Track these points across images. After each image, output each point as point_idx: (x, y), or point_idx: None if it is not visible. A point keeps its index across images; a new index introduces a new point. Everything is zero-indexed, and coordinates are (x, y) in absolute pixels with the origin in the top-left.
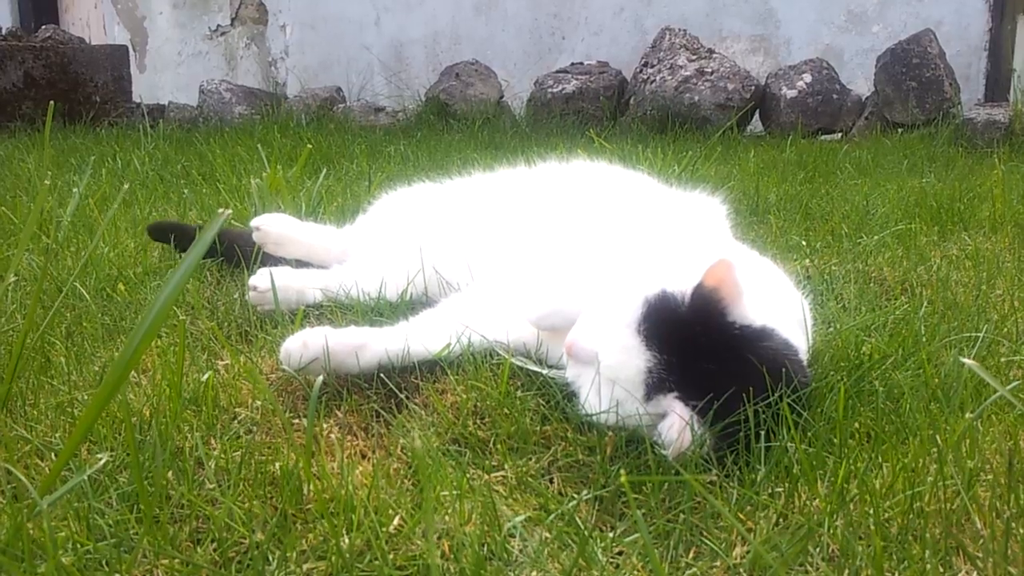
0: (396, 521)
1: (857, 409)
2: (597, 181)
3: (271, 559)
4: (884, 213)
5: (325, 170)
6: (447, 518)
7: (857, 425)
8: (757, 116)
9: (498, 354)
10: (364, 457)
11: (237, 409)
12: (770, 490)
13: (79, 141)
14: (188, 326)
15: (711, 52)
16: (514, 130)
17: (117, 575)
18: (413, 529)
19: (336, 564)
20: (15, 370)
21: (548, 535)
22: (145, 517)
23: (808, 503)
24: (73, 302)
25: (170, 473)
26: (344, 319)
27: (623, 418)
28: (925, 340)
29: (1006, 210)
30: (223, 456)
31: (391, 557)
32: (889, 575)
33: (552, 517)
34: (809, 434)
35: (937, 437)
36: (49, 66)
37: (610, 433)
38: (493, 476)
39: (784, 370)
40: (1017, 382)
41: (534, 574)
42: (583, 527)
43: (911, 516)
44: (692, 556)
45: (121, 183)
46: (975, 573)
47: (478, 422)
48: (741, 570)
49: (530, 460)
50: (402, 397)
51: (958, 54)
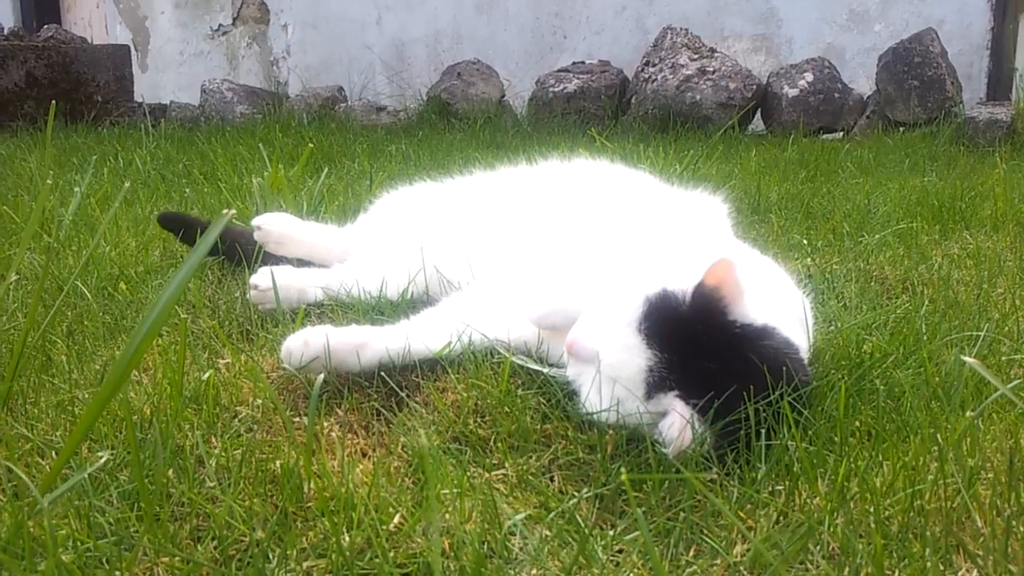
0: (396, 519)
1: (858, 407)
2: (598, 180)
3: (271, 557)
4: (885, 212)
5: (326, 169)
6: (448, 516)
7: (858, 423)
8: (759, 115)
9: (499, 353)
10: (365, 455)
11: (238, 407)
12: (770, 488)
13: (81, 140)
14: (189, 325)
15: (713, 51)
16: (516, 129)
17: (118, 573)
18: (413, 527)
19: (336, 562)
20: (16, 368)
21: (548, 533)
22: (146, 515)
23: (808, 501)
24: (74, 301)
25: (171, 471)
26: (345, 318)
27: (624, 416)
28: (926, 339)
29: (1007, 209)
30: (224, 454)
31: (391, 555)
32: (889, 573)
33: (552, 515)
34: (810, 432)
35: (938, 435)
36: (51, 66)
37: (611, 431)
38: (494, 474)
39: (785, 368)
40: (1018, 380)
41: (534, 572)
42: (583, 525)
43: (911, 514)
44: (692, 554)
45: (123, 182)
46: (975, 571)
47: (479, 420)
48: (741, 568)
49: (531, 458)
50: (403, 395)
51: (960, 53)
